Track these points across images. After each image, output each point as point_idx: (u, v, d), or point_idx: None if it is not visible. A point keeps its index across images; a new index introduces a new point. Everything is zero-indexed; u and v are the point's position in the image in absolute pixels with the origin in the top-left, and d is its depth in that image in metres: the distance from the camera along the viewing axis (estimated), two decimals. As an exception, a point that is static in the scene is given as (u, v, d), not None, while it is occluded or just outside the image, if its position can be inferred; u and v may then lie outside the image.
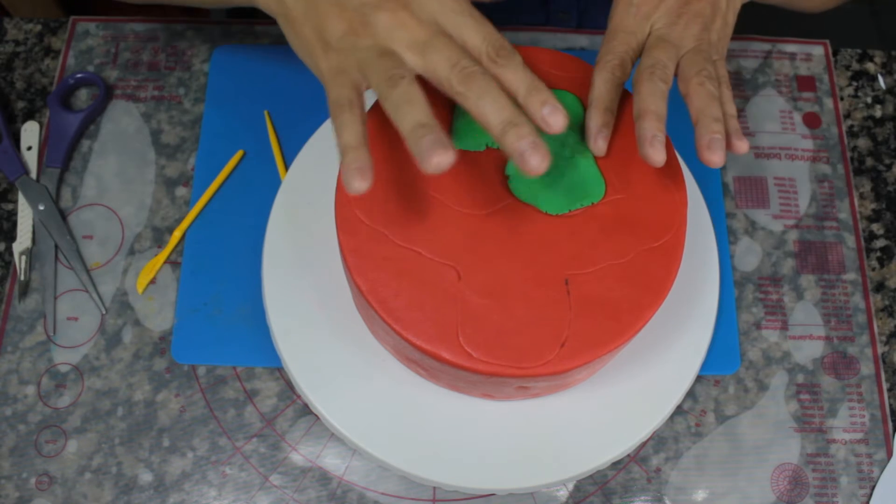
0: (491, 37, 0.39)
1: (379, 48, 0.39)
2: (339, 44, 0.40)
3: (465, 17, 0.39)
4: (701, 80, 0.41)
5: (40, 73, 0.62)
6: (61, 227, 0.56)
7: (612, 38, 0.44)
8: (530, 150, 0.36)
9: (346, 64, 0.39)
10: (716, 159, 0.40)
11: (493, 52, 0.39)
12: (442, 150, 0.35)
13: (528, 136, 0.36)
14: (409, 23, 0.39)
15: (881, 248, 0.60)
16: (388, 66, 0.38)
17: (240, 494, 0.51)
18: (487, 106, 0.37)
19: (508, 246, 0.43)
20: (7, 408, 0.52)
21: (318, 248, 0.51)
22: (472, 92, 0.37)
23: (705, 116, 0.40)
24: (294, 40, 0.42)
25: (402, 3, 0.39)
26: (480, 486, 0.47)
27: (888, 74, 0.65)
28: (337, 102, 0.38)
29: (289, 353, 0.49)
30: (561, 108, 0.38)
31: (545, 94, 0.38)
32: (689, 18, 0.44)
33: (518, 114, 0.37)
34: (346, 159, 0.37)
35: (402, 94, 0.37)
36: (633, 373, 0.49)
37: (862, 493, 0.53)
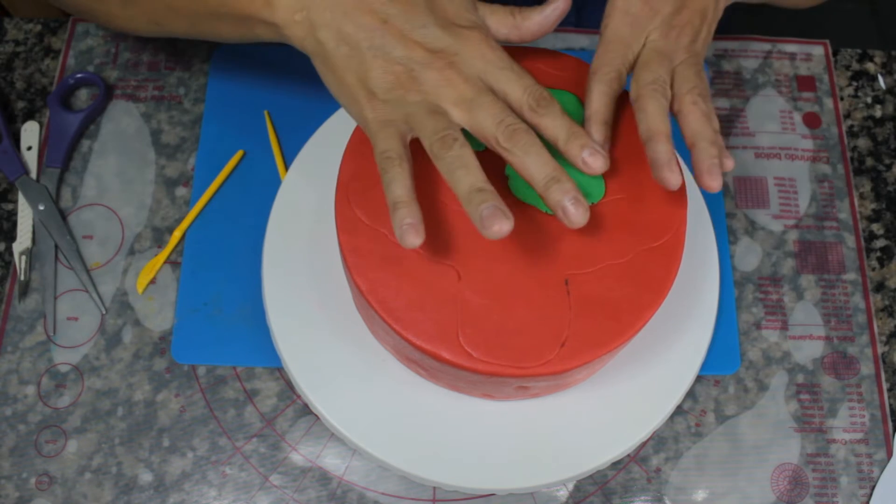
0: (531, 88, 0.40)
1: (427, 104, 0.40)
2: (385, 95, 0.40)
3: (507, 72, 0.41)
4: (694, 99, 0.42)
5: (40, 73, 0.62)
6: (61, 227, 0.56)
7: (609, 49, 0.44)
8: (573, 206, 0.38)
9: (394, 116, 0.40)
10: (716, 185, 0.41)
11: (535, 103, 0.40)
12: (503, 219, 0.36)
13: (570, 191, 0.38)
14: (455, 81, 0.40)
15: (881, 248, 0.60)
16: (439, 125, 0.39)
17: (240, 494, 0.51)
18: (532, 162, 0.39)
19: (508, 246, 0.43)
20: (7, 408, 0.52)
21: (318, 248, 0.51)
22: (517, 148, 0.39)
23: (703, 140, 0.41)
24: (333, 84, 0.42)
25: (449, 61, 0.40)
26: (480, 486, 0.47)
27: (888, 74, 0.65)
28: (385, 155, 0.39)
29: (289, 353, 0.49)
30: (601, 152, 0.40)
31: (584, 139, 0.40)
32: (680, 29, 0.44)
33: (560, 170, 0.39)
34: (398, 215, 0.38)
35: (456, 157, 0.38)
36: (633, 373, 0.49)
37: (862, 493, 0.53)
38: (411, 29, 0.40)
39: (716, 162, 0.40)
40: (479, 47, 0.41)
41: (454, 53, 0.40)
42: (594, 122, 0.43)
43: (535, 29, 0.43)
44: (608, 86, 0.43)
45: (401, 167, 0.39)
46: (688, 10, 0.45)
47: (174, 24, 0.47)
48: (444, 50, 0.40)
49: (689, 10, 0.45)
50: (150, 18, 0.48)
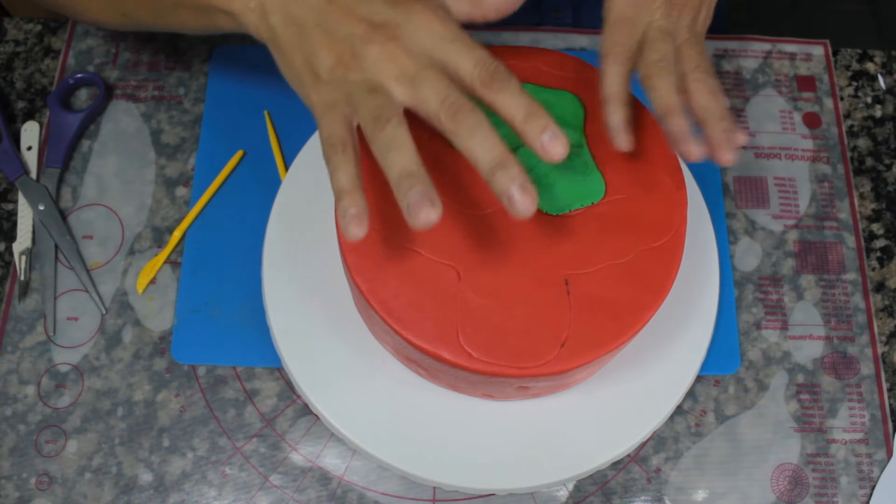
0: (484, 61, 0.37)
1: (368, 83, 0.38)
2: (329, 76, 0.38)
3: (455, 44, 0.37)
4: (700, 77, 0.42)
5: (40, 73, 0.62)
6: (61, 227, 0.56)
7: (617, 30, 0.44)
8: (519, 194, 0.35)
9: (337, 98, 0.38)
10: (730, 157, 0.40)
11: (487, 77, 0.37)
12: (429, 207, 0.34)
13: (516, 178, 0.35)
14: (398, 55, 0.37)
15: (881, 248, 0.60)
16: (375, 104, 0.37)
17: (240, 494, 0.51)
18: (476, 144, 0.35)
19: (508, 246, 0.43)
20: (7, 408, 0.52)
21: (318, 248, 0.51)
22: (461, 128, 0.36)
23: (712, 116, 0.41)
24: (284, 68, 0.41)
25: (392, 34, 0.38)
26: (480, 486, 0.47)
27: (888, 74, 0.65)
28: (328, 142, 0.37)
29: (289, 353, 0.49)
30: (562, 135, 0.36)
31: (544, 120, 0.36)
32: (681, 8, 0.44)
33: (507, 154, 0.35)
34: (342, 205, 0.36)
35: (388, 137, 0.36)
36: (633, 373, 0.49)
37: (862, 493, 0.53)
38: (357, 4, 0.38)
39: (728, 136, 0.40)
40: (426, 18, 0.38)
41: (397, 26, 0.38)
42: (614, 103, 0.43)
43: (497, 3, 0.41)
44: (622, 65, 0.43)
45: (344, 154, 0.36)
46: None
47: (140, 15, 0.47)
48: (386, 23, 0.38)
49: None
50: (118, 10, 0.47)
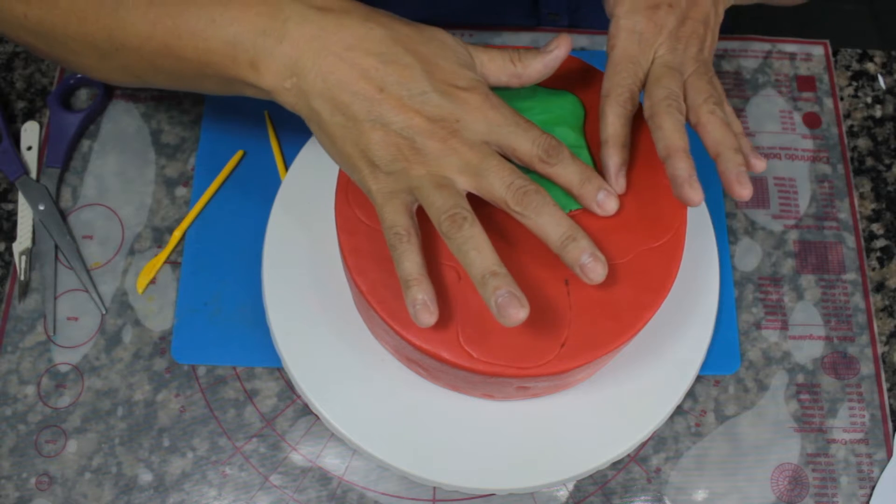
0: (539, 140, 0.40)
1: (432, 177, 0.39)
2: (388, 168, 0.39)
3: (512, 128, 0.39)
4: (711, 108, 0.42)
5: (40, 73, 0.62)
6: (61, 227, 0.56)
7: (619, 70, 0.44)
8: (591, 263, 0.38)
9: (399, 188, 0.39)
10: (746, 193, 0.40)
11: (545, 155, 0.40)
12: (518, 307, 0.36)
13: (586, 248, 0.38)
14: (459, 148, 0.39)
15: (881, 248, 0.60)
16: (447, 202, 0.38)
17: (240, 494, 0.51)
18: (546, 222, 0.38)
19: (508, 246, 0.43)
20: (7, 408, 0.52)
21: (318, 248, 0.51)
22: (529, 210, 0.38)
23: (727, 149, 0.41)
24: (332, 151, 0.41)
25: (451, 128, 0.39)
26: (480, 486, 0.47)
27: (888, 74, 0.65)
28: (393, 230, 0.39)
29: (289, 353, 0.49)
30: (614, 194, 0.41)
31: (598, 181, 0.41)
32: (686, 41, 0.44)
33: (575, 227, 0.39)
34: (410, 293, 0.38)
35: (468, 237, 0.38)
36: (634, 373, 0.49)
37: (862, 493, 0.53)
38: (409, 97, 0.39)
39: (742, 169, 0.40)
40: (482, 110, 0.39)
41: (456, 120, 0.39)
42: (612, 146, 0.43)
43: (535, 76, 0.43)
44: (622, 107, 0.43)
45: (409, 242, 0.38)
46: (691, 20, 0.44)
47: (156, 80, 0.45)
48: (444, 117, 0.39)
49: (693, 21, 0.44)
50: (131, 73, 0.45)
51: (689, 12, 0.44)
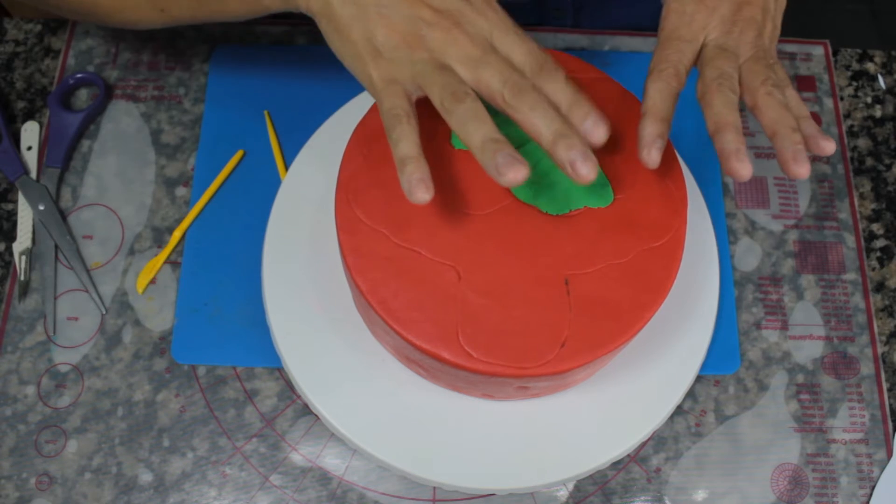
0: (535, 52, 0.40)
1: (434, 62, 0.40)
2: (391, 54, 0.40)
3: (511, 35, 0.40)
4: (769, 90, 0.41)
5: (40, 73, 0.62)
6: (61, 227, 0.56)
7: (666, 47, 0.44)
8: (581, 160, 0.37)
9: (400, 75, 0.40)
10: (803, 171, 0.39)
11: (538, 67, 0.40)
12: (519, 166, 0.36)
13: (577, 146, 0.37)
14: (461, 40, 0.40)
15: (881, 248, 0.60)
16: (450, 80, 0.39)
17: (240, 494, 0.51)
18: (538, 118, 0.38)
19: (508, 246, 0.43)
20: (7, 408, 0.52)
21: (318, 248, 0.51)
22: (523, 105, 0.38)
23: (784, 127, 0.40)
24: (338, 43, 0.42)
25: (455, 20, 0.40)
26: (480, 486, 0.47)
27: (888, 74, 0.65)
28: (392, 113, 0.39)
29: (289, 353, 0.49)
30: (603, 121, 0.39)
31: (587, 108, 0.39)
32: (743, 25, 0.44)
33: (567, 125, 0.38)
34: (407, 170, 0.38)
35: (468, 109, 0.38)
36: (634, 373, 0.49)
37: (862, 493, 0.53)
38: None
39: (800, 148, 0.40)
40: (485, 10, 0.41)
41: (460, 14, 0.40)
42: (651, 117, 0.42)
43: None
44: (665, 82, 0.43)
45: (408, 124, 0.39)
46: (749, 6, 0.44)
47: (180, 7, 0.46)
48: (449, 10, 0.40)
49: (751, 7, 0.44)
50: (156, 6, 0.47)
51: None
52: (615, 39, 0.64)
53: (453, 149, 0.45)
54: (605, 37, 0.64)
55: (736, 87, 0.42)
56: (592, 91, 0.47)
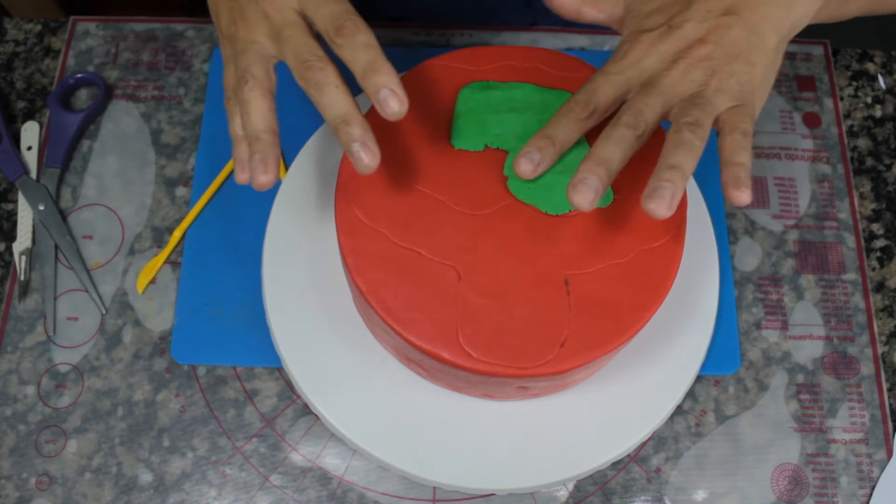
0: (333, 15, 0.38)
1: (247, 41, 0.41)
2: (227, 31, 0.42)
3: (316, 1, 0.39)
4: (678, 128, 0.38)
5: (40, 73, 0.62)
6: (61, 227, 0.56)
7: (589, 79, 0.41)
8: (359, 149, 0.37)
9: (228, 54, 0.42)
10: (653, 207, 0.36)
11: (333, 32, 0.38)
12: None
13: (357, 137, 0.37)
14: (269, 12, 0.40)
15: (881, 248, 0.60)
16: (244, 63, 0.40)
17: (240, 494, 0.51)
18: (324, 101, 0.38)
19: (508, 246, 0.43)
20: (7, 408, 0.52)
21: (318, 248, 0.51)
22: (310, 86, 0.38)
23: (661, 164, 0.37)
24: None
25: None
26: (480, 486, 0.47)
27: (888, 74, 0.65)
28: (243, 78, 0.40)
29: (289, 353, 0.49)
30: (398, 94, 0.37)
31: (381, 77, 0.37)
32: (688, 63, 0.40)
33: (352, 111, 0.38)
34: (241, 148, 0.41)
35: (245, 100, 0.40)
36: (634, 373, 0.49)
37: (862, 493, 0.53)
38: None
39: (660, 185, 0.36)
40: None
41: None
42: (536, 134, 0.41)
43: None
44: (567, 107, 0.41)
45: (233, 104, 0.40)
46: (702, 44, 0.41)
47: None
48: None
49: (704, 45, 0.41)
50: None
51: (706, 35, 0.40)
52: (615, 39, 0.64)
53: (453, 149, 0.45)
54: (605, 37, 0.64)
55: (638, 124, 0.39)
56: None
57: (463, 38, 0.64)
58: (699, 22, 0.40)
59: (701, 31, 0.40)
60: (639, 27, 0.42)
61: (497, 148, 0.45)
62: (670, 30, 0.41)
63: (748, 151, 0.38)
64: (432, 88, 0.47)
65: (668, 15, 0.41)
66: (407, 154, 0.45)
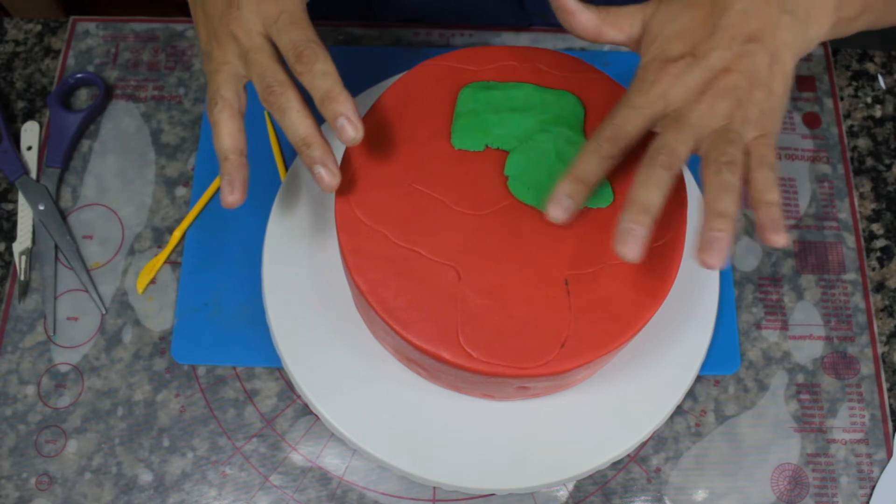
0: (294, 43, 0.40)
1: (220, 61, 0.42)
2: (205, 49, 0.44)
3: (277, 25, 0.40)
4: (717, 168, 0.37)
5: (40, 73, 0.62)
6: (61, 227, 0.56)
7: (613, 112, 0.40)
8: (320, 170, 0.40)
9: (207, 70, 0.43)
10: (710, 261, 0.35)
11: (294, 59, 0.39)
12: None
13: (317, 160, 0.40)
14: (238, 34, 0.41)
15: (881, 248, 0.60)
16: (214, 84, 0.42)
17: (240, 494, 0.51)
18: (287, 124, 0.40)
19: (508, 246, 0.43)
20: (7, 408, 0.52)
21: (318, 248, 0.51)
22: (274, 108, 0.40)
23: (710, 211, 0.37)
24: None
25: (233, 17, 0.41)
26: (480, 486, 0.47)
27: (888, 74, 0.65)
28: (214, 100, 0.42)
29: (289, 353, 0.49)
30: (353, 121, 0.39)
31: (338, 106, 0.39)
32: (714, 95, 0.39)
33: (313, 133, 0.40)
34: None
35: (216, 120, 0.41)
36: (634, 373, 0.49)
37: (862, 493, 0.53)
38: None
39: (718, 236, 0.36)
40: (260, 2, 0.41)
41: (237, 8, 0.41)
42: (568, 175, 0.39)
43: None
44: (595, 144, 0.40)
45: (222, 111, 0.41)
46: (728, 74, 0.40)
47: None
48: (231, 4, 0.41)
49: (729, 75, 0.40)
50: None
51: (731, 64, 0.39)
52: (615, 39, 0.64)
53: (454, 149, 0.45)
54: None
55: (672, 164, 0.38)
56: (592, 90, 0.47)
57: (463, 38, 0.64)
58: (724, 50, 0.40)
59: (726, 60, 0.40)
60: (661, 54, 0.41)
61: (497, 148, 0.45)
62: (696, 59, 0.40)
63: (777, 187, 0.38)
64: (432, 88, 0.47)
65: (692, 42, 0.40)
66: (407, 154, 0.45)
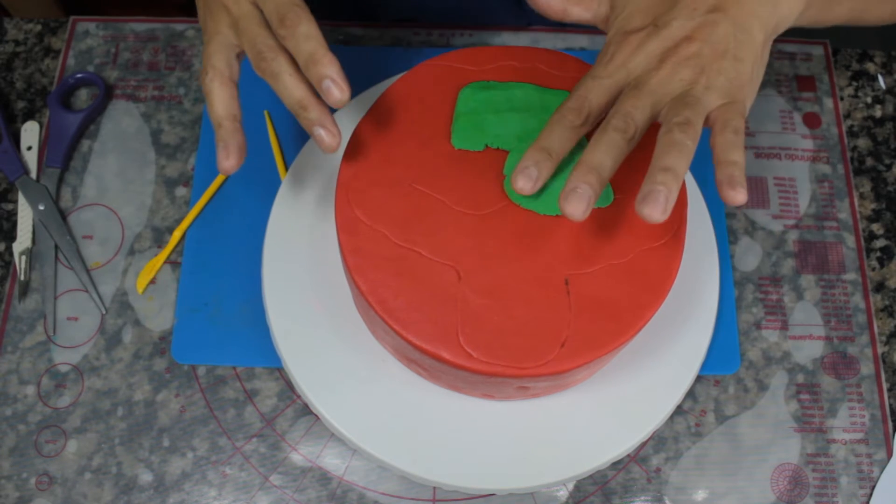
0: (277, 6, 0.39)
1: (213, 31, 0.42)
2: (201, 22, 0.44)
3: None
4: (668, 128, 0.37)
5: (40, 73, 0.62)
6: (61, 227, 0.56)
7: (578, 85, 0.41)
8: (321, 132, 0.39)
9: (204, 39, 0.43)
10: (648, 211, 0.35)
11: (277, 23, 0.39)
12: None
13: (315, 121, 0.39)
14: (227, 3, 0.41)
15: (881, 248, 0.60)
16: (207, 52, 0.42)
17: (240, 494, 0.51)
18: (280, 88, 0.40)
19: (508, 246, 0.43)
20: (7, 408, 0.52)
21: (318, 248, 0.51)
22: (267, 74, 0.40)
23: (653, 166, 0.36)
24: None
25: None
26: (480, 486, 0.47)
27: (888, 74, 0.65)
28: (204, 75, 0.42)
29: (289, 353, 0.49)
30: (338, 83, 0.38)
31: (322, 68, 0.38)
32: (676, 62, 0.39)
33: (307, 95, 0.39)
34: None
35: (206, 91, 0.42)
36: (634, 373, 0.49)
37: (862, 493, 0.53)
38: None
39: (654, 189, 0.35)
40: None
41: None
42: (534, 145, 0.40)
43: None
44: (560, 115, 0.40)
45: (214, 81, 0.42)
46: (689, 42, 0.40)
47: None
48: None
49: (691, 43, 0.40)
50: None
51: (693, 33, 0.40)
52: (615, 39, 0.64)
53: (454, 149, 0.45)
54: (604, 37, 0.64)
55: (626, 128, 0.38)
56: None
57: (463, 38, 0.64)
58: (685, 20, 0.40)
59: (688, 29, 0.40)
60: (624, 27, 0.42)
61: (497, 148, 0.45)
62: (656, 29, 0.40)
63: (741, 149, 0.38)
64: (432, 88, 0.47)
65: (654, 14, 0.41)
66: (407, 154, 0.45)
